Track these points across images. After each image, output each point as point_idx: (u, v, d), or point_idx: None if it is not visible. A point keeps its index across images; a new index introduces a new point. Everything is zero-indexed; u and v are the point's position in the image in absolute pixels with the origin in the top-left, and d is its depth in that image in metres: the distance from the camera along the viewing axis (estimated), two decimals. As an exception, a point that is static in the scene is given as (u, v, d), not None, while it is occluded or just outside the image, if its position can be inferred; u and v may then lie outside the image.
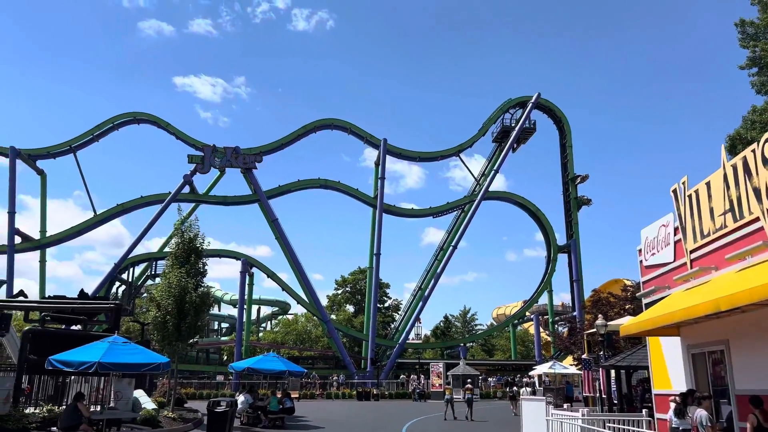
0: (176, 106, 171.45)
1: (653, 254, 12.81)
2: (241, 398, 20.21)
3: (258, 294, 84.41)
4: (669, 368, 12.20)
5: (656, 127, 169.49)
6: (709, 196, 10.33)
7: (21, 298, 20.22)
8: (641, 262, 13.57)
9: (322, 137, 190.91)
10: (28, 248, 54.43)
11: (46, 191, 59.42)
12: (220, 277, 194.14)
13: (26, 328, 16.37)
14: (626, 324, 11.56)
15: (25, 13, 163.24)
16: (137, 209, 56.87)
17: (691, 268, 10.93)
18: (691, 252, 11.01)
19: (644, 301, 13.51)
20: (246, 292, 54.49)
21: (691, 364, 11.14)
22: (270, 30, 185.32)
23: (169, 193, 54.57)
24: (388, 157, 58.01)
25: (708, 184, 10.39)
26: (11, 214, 52.30)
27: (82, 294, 21.24)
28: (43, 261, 56.70)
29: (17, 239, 52.78)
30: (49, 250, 57.70)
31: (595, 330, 22.95)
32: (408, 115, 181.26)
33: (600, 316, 19.51)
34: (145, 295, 52.20)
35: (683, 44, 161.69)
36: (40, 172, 58.54)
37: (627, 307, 30.97)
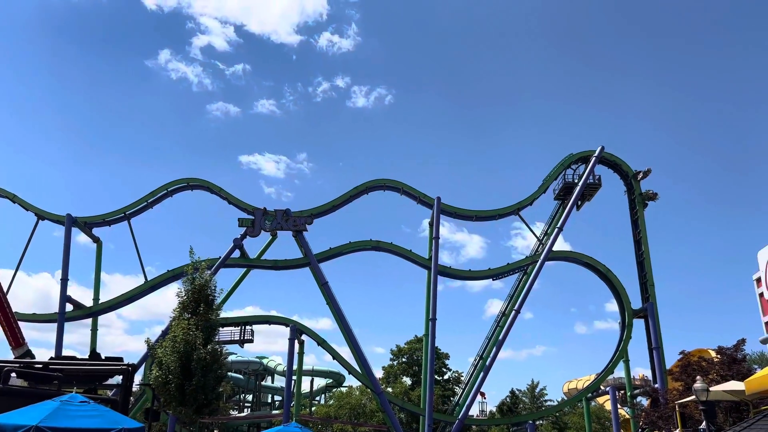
0: (241, 182, 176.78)
1: (781, 282, 9.33)
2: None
3: (318, 366, 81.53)
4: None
5: (738, 175, 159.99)
6: None
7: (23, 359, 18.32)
8: (761, 295, 10.06)
9: (380, 207, 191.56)
10: (79, 316, 53.93)
11: (101, 259, 59.51)
12: (282, 350, 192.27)
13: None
14: (756, 377, 8.07)
15: (99, 97, 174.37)
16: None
17: None
18: None
19: (771, 348, 9.90)
20: (296, 361, 51.57)
21: None
22: (331, 107, 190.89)
23: (219, 257, 53.36)
24: (446, 222, 55.52)
25: None
26: (64, 281, 52.17)
27: (93, 354, 19.11)
28: (94, 330, 56.08)
29: (69, 307, 52.45)
30: (121, 325, 57.89)
31: (690, 399, 18.80)
32: (466, 179, 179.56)
33: (699, 378, 15.63)
34: None
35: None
36: (96, 240, 58.89)
37: (724, 374, 26.18)
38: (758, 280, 10.35)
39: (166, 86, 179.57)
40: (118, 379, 19.93)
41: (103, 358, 20.62)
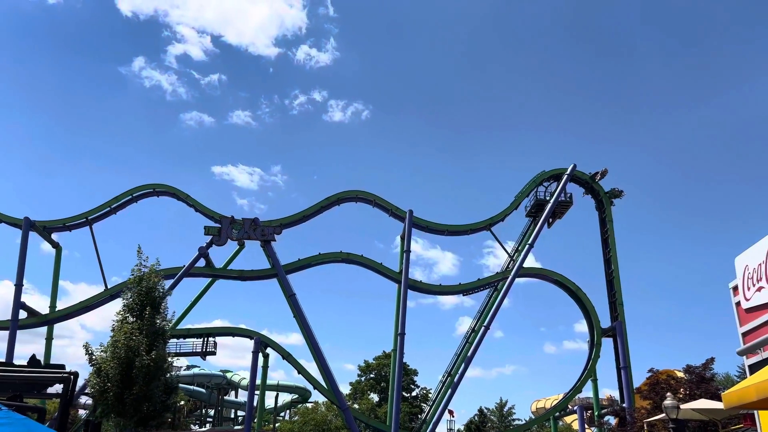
0: (214, 193, 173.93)
1: (760, 290, 8.75)
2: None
3: (285, 381, 79.57)
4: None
5: (708, 194, 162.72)
6: None
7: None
8: (738, 304, 9.48)
9: (353, 222, 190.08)
10: (34, 324, 51.69)
11: (60, 266, 57.26)
12: (249, 365, 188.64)
13: None
14: (735, 389, 7.43)
15: (70, 101, 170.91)
16: (150, 284, 54.09)
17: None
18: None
19: (747, 361, 9.31)
20: (259, 374, 50.11)
21: None
22: (307, 121, 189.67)
23: (183, 266, 51.80)
24: (419, 238, 54.96)
25: None
26: (18, 287, 50.03)
27: (33, 361, 17.79)
28: (49, 338, 53.75)
29: (23, 314, 50.25)
30: (84, 336, 55.56)
31: (659, 417, 18.26)
32: (439, 195, 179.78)
33: (669, 395, 15.12)
34: None
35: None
36: (56, 246, 56.78)
37: (692, 393, 25.84)
38: (735, 288, 9.83)
39: (139, 94, 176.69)
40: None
41: (42, 365, 19.33)
